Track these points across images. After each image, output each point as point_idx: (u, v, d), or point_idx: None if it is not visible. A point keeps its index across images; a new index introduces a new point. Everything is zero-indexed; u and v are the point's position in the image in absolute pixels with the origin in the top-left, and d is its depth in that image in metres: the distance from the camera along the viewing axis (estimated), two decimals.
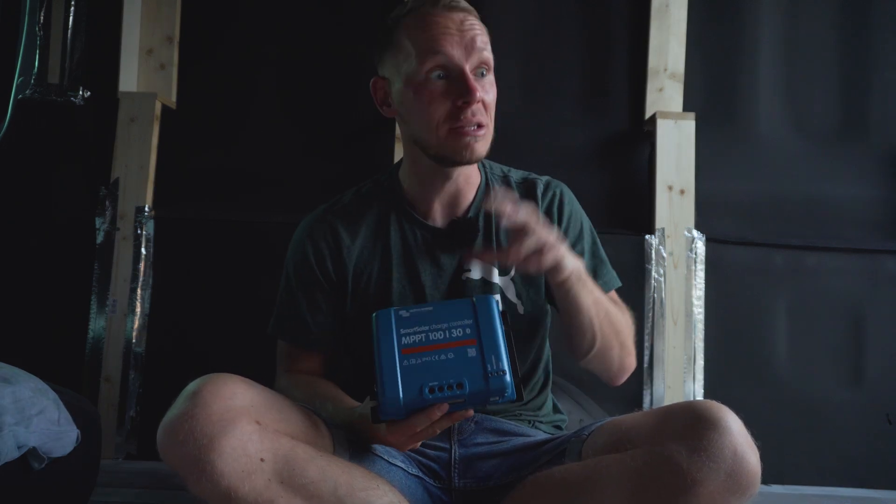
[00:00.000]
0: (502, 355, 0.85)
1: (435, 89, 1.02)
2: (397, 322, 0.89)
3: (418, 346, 0.87)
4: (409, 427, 0.86)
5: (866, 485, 1.67)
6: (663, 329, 1.69)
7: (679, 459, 0.80)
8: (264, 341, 1.46)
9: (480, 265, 1.12)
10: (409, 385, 0.84)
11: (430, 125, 1.03)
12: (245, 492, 0.81)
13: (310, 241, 1.14)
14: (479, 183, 1.17)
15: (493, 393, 0.84)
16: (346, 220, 1.15)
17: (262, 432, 0.84)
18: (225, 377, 0.87)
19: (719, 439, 0.79)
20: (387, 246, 1.14)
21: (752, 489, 0.81)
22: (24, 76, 1.78)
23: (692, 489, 0.79)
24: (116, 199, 1.73)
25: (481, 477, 1.02)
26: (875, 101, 1.80)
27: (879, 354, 1.72)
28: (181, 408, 0.83)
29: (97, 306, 1.71)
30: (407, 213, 1.15)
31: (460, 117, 1.01)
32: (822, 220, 1.77)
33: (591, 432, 0.95)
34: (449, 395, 0.83)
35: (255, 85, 1.82)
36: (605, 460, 0.87)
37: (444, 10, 1.02)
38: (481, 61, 1.03)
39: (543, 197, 1.17)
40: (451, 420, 0.87)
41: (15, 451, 1.01)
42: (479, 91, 1.00)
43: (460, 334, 0.87)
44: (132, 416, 1.68)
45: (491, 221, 1.14)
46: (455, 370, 0.84)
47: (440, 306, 0.93)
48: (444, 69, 1.01)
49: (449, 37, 1.01)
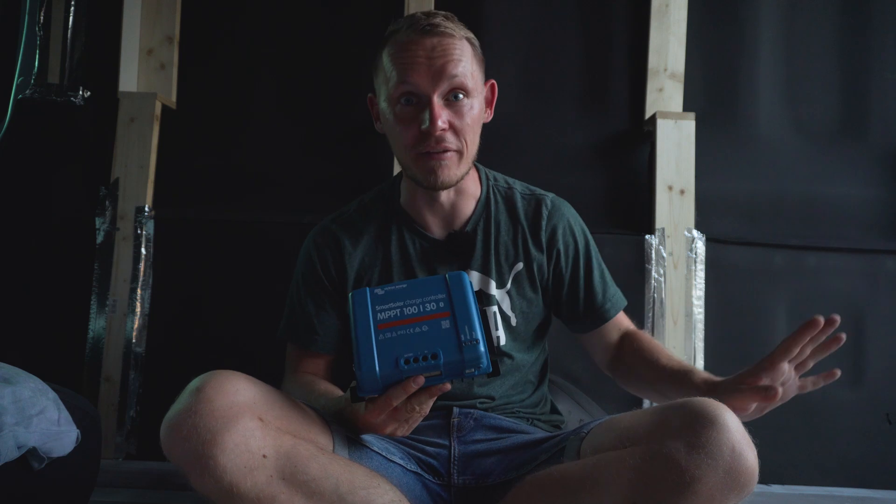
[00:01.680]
0: (476, 326, 0.86)
1: (405, 114, 1.07)
2: (373, 299, 0.90)
3: (393, 320, 0.88)
4: (386, 402, 0.86)
5: (866, 485, 1.67)
6: (663, 329, 1.69)
7: (678, 457, 0.80)
8: (264, 341, 1.46)
9: (478, 278, 1.16)
10: (385, 358, 0.84)
11: (401, 147, 1.10)
12: (247, 488, 0.82)
13: (315, 250, 1.20)
14: (479, 195, 1.20)
15: (468, 364, 0.84)
16: (349, 230, 1.20)
17: (264, 429, 0.85)
18: (228, 374, 0.88)
19: (717, 437, 0.80)
20: (387, 254, 1.18)
21: (749, 486, 0.82)
22: (24, 76, 1.78)
23: (691, 486, 0.79)
24: (116, 199, 1.73)
25: (480, 474, 1.03)
26: (875, 101, 1.80)
27: (879, 354, 1.72)
28: (184, 403, 0.83)
29: (97, 306, 1.71)
30: (407, 224, 1.19)
31: (426, 142, 1.06)
32: (822, 220, 1.77)
33: (590, 430, 0.96)
34: (424, 366, 0.84)
35: (254, 85, 1.82)
36: (603, 458, 0.88)
37: (419, 35, 1.05)
38: (453, 87, 1.06)
39: (550, 217, 1.20)
40: (430, 395, 0.87)
41: (15, 451, 1.01)
42: (440, 119, 1.04)
43: (434, 308, 0.88)
44: (132, 416, 1.68)
45: (490, 235, 1.18)
46: (430, 342, 0.85)
47: (414, 283, 0.94)
48: (413, 96, 1.06)
49: (417, 66, 1.04)
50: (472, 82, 1.08)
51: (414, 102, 1.06)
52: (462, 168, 1.10)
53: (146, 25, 1.80)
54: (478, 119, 1.11)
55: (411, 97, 1.06)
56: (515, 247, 1.18)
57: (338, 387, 1.16)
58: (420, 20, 1.07)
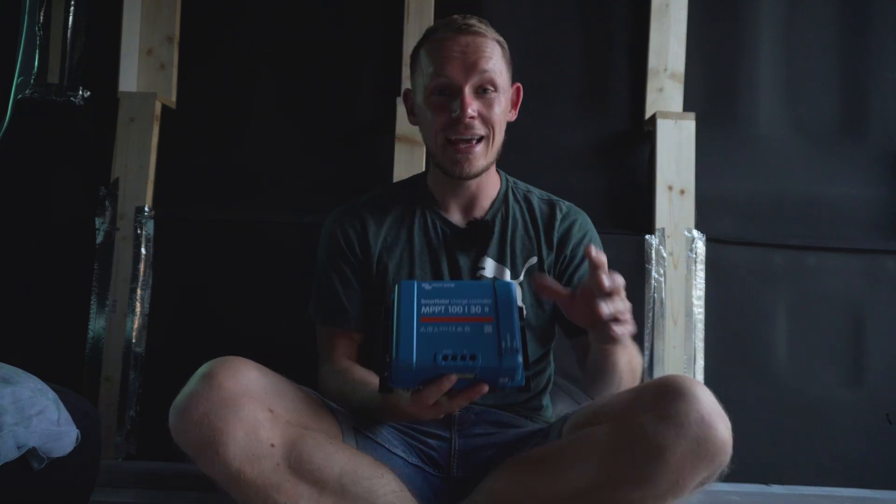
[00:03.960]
0: (517, 336, 0.86)
1: (438, 103, 1.14)
2: (419, 293, 0.90)
3: (437, 316, 0.88)
4: (423, 399, 0.86)
5: (866, 485, 1.67)
6: (663, 329, 1.69)
7: (647, 428, 0.83)
8: (264, 341, 1.46)
9: (494, 266, 1.20)
10: (424, 350, 0.84)
11: (431, 133, 1.16)
12: (254, 475, 0.85)
13: (339, 228, 1.23)
14: (499, 191, 1.26)
15: (505, 371, 0.84)
16: (372, 210, 1.24)
17: (273, 419, 0.88)
18: (238, 360, 0.90)
19: (685, 407, 0.82)
20: (410, 234, 1.22)
21: (720, 456, 0.83)
22: (24, 76, 1.78)
23: (660, 455, 0.82)
24: (116, 199, 1.73)
25: (479, 467, 1.04)
26: (875, 101, 1.80)
27: (879, 354, 1.72)
28: (195, 388, 0.86)
29: (97, 306, 1.71)
30: (431, 207, 1.24)
31: (455, 128, 1.13)
32: (822, 220, 1.77)
33: (573, 413, 1.00)
34: (461, 365, 0.84)
35: (254, 85, 1.82)
36: (578, 435, 0.92)
37: (455, 33, 1.14)
38: (483, 81, 1.13)
39: (564, 219, 1.24)
40: (467, 398, 0.87)
41: (15, 451, 1.01)
42: (470, 106, 1.11)
43: (479, 311, 0.88)
44: (132, 416, 1.68)
45: (507, 227, 1.22)
46: (470, 343, 0.85)
47: (462, 284, 0.97)
48: (447, 88, 1.13)
49: (453, 60, 1.12)
50: (501, 80, 1.15)
51: (447, 93, 1.14)
52: (488, 158, 1.17)
53: (146, 25, 1.80)
54: (504, 114, 1.17)
55: (445, 89, 1.13)
56: (530, 242, 1.23)
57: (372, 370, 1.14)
58: (457, 20, 1.16)
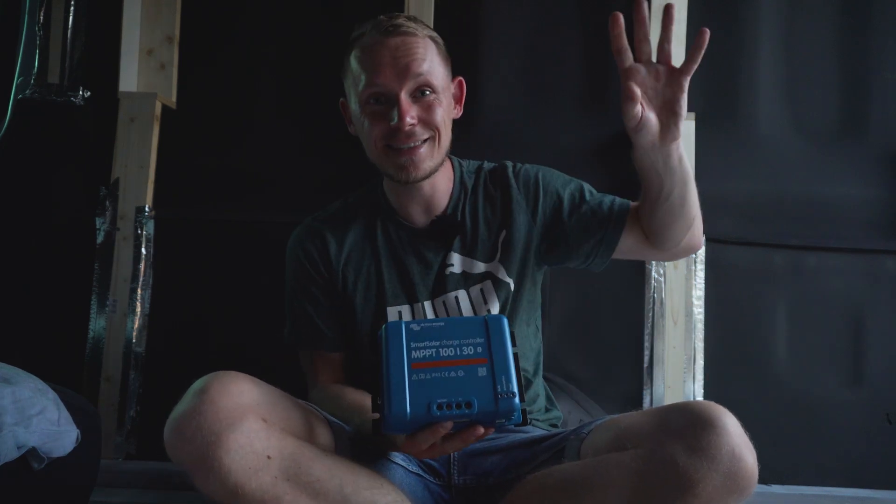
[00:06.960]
0: (512, 377, 0.85)
1: (375, 112, 1.10)
2: (408, 335, 0.88)
3: (428, 361, 0.86)
4: (415, 444, 0.86)
5: (866, 485, 1.67)
6: (663, 329, 1.69)
7: (678, 460, 0.81)
8: (265, 341, 1.46)
9: (461, 260, 1.18)
10: (417, 400, 0.83)
11: (370, 144, 1.12)
12: (252, 488, 0.83)
13: (300, 248, 1.21)
14: (454, 180, 1.22)
15: (501, 415, 0.83)
16: (332, 226, 1.22)
17: (268, 430, 0.86)
18: (232, 374, 0.88)
19: (717, 440, 0.81)
20: (375, 247, 1.19)
21: (749, 489, 0.82)
22: (24, 76, 1.78)
23: (691, 489, 0.80)
24: (116, 199, 1.73)
25: (480, 474, 1.03)
26: (875, 101, 1.80)
27: (879, 354, 1.72)
28: (188, 405, 0.84)
29: (97, 306, 1.71)
30: (391, 217, 1.20)
31: (396, 136, 1.08)
32: (822, 220, 1.77)
33: (590, 431, 0.96)
34: (457, 414, 0.83)
35: (255, 85, 1.81)
36: (604, 460, 0.88)
37: (383, 35, 1.09)
38: (419, 84, 1.08)
39: (517, 177, 1.22)
40: (463, 442, 0.86)
41: (15, 451, 1.01)
42: (408, 114, 1.06)
43: (471, 352, 0.86)
44: (132, 416, 1.68)
45: (470, 213, 1.19)
46: (464, 388, 0.84)
47: (452, 322, 0.93)
48: (381, 95, 1.09)
49: (384, 66, 1.07)
50: (438, 79, 1.11)
51: (383, 101, 1.09)
52: (435, 160, 1.12)
53: (146, 25, 1.80)
54: (447, 113, 1.13)
55: (380, 97, 1.09)
56: (496, 217, 1.20)
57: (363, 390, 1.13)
58: (383, 22, 1.11)
